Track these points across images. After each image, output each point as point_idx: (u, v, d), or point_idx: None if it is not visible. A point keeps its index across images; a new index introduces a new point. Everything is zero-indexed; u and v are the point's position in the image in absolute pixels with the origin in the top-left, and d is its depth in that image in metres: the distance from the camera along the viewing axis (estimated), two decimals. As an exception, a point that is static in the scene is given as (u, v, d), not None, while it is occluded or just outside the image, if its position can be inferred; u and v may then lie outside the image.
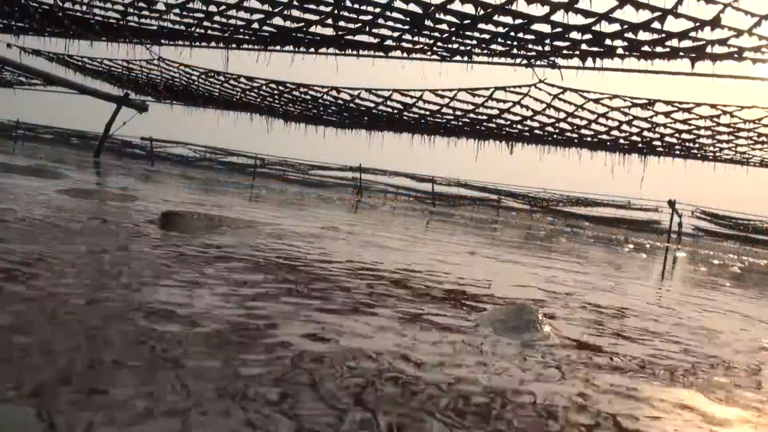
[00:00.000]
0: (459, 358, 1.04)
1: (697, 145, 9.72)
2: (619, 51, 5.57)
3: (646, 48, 5.35)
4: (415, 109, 10.05)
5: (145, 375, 0.74)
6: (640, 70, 5.96)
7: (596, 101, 8.33)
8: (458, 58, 6.88)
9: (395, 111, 10.37)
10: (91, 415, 0.62)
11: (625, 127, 9.14)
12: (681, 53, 5.33)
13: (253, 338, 0.97)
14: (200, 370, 0.79)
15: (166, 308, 1.09)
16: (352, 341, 1.04)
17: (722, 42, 4.89)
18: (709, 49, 5.09)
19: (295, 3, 5.51)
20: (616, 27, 4.91)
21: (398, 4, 5.21)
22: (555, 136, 10.32)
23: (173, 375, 0.75)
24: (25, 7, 7.17)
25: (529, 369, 1.02)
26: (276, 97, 11.24)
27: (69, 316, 0.95)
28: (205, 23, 6.62)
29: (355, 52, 6.98)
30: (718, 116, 8.05)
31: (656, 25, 4.72)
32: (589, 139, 10.15)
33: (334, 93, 10.09)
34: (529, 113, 9.15)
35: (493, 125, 10.20)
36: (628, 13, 4.67)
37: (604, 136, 9.82)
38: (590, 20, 4.88)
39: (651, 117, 8.54)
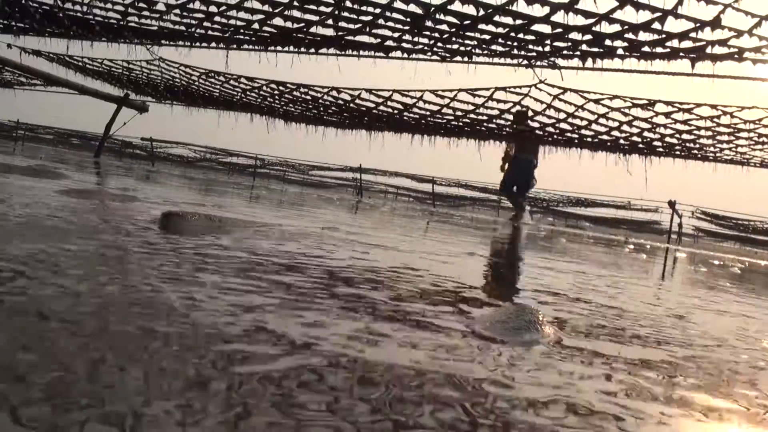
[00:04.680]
0: (459, 358, 1.04)
1: (697, 146, 9.74)
2: (620, 51, 5.58)
3: (646, 48, 5.36)
4: (415, 110, 10.07)
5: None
6: (640, 70, 5.97)
7: (596, 102, 8.35)
8: (458, 58, 6.89)
9: (395, 111, 10.39)
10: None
11: (625, 127, 9.15)
12: (681, 54, 5.34)
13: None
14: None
15: (167, 311, 1.09)
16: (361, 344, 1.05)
17: (722, 42, 4.90)
18: (709, 50, 5.10)
19: (295, 3, 5.52)
20: (616, 28, 4.92)
21: (398, 4, 5.22)
22: (555, 136, 10.34)
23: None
24: (26, 8, 7.18)
25: (529, 369, 1.03)
26: (276, 97, 11.26)
27: (69, 316, 0.95)
28: (206, 24, 6.63)
29: (355, 53, 6.99)
30: (718, 117, 8.06)
31: (656, 25, 4.73)
32: (589, 139, 10.17)
33: (334, 93, 10.11)
34: (530, 114, 9.17)
35: (494, 125, 10.21)
36: (629, 14, 4.69)
37: (605, 137, 9.83)
38: (590, 21, 4.90)
39: (651, 117, 8.55)
